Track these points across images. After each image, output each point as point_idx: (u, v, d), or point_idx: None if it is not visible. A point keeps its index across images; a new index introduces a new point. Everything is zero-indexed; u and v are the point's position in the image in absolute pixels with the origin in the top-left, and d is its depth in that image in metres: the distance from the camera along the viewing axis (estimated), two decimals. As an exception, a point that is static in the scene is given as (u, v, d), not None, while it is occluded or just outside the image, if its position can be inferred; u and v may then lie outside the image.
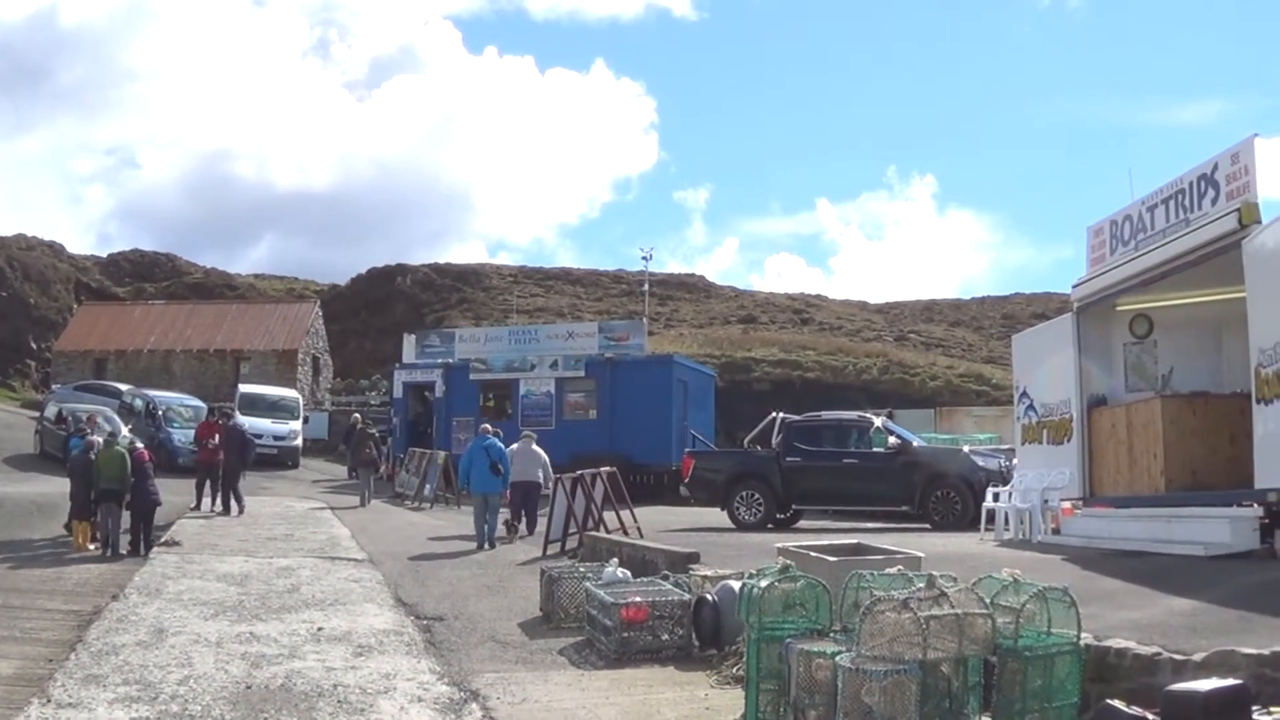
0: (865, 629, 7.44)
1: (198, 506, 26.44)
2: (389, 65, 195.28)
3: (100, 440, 22.25)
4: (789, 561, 9.58)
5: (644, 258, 73.33)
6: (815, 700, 7.91)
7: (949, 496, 23.55)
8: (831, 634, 8.57)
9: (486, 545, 22.71)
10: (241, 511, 26.16)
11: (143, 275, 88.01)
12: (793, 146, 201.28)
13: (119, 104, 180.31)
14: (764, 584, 8.87)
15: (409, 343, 44.90)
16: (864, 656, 7.39)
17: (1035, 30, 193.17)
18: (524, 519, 24.52)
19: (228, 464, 26.67)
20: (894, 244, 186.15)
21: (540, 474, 24.43)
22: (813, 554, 10.81)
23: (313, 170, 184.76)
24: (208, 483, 26.99)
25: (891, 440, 25.09)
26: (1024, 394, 20.67)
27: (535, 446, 24.85)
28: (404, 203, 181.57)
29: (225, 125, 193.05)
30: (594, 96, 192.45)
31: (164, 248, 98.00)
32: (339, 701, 10.17)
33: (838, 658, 7.63)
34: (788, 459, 25.21)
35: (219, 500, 26.78)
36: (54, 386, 51.84)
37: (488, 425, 27.58)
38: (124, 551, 20.21)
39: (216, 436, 27.34)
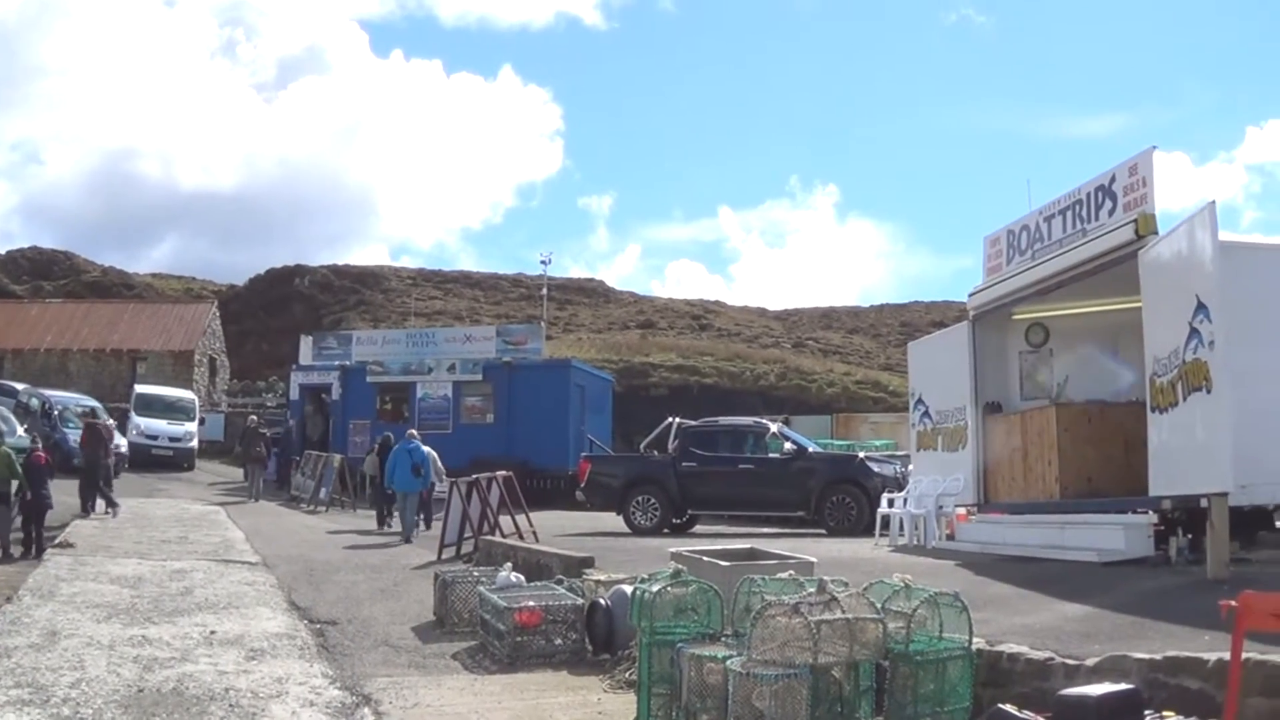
0: (756, 633, 7.37)
1: (92, 508, 25.90)
2: (296, 66, 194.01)
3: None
4: (681, 566, 9.51)
5: (543, 262, 73.22)
6: (707, 704, 7.83)
7: (844, 502, 23.56)
8: (723, 638, 8.49)
9: (410, 539, 24.23)
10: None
11: (40, 273, 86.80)
12: (696, 155, 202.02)
13: (25, 100, 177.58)
14: (655, 589, 8.78)
15: (306, 344, 44.38)
16: (755, 661, 7.31)
17: (941, 43, 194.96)
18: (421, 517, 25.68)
19: (89, 463, 26.04)
20: (795, 252, 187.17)
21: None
22: (705, 559, 10.74)
23: (217, 170, 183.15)
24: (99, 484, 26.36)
25: (787, 446, 25.12)
26: (919, 401, 20.76)
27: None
28: (308, 204, 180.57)
29: (131, 123, 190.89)
30: (501, 102, 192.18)
31: (65, 246, 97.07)
32: (231, 705, 9.95)
33: (729, 662, 7.55)
34: (684, 464, 25.17)
35: (108, 502, 26.23)
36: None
37: (413, 430, 28.41)
38: (15, 554, 19.84)
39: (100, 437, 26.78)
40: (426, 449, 26.15)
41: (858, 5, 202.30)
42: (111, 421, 29.01)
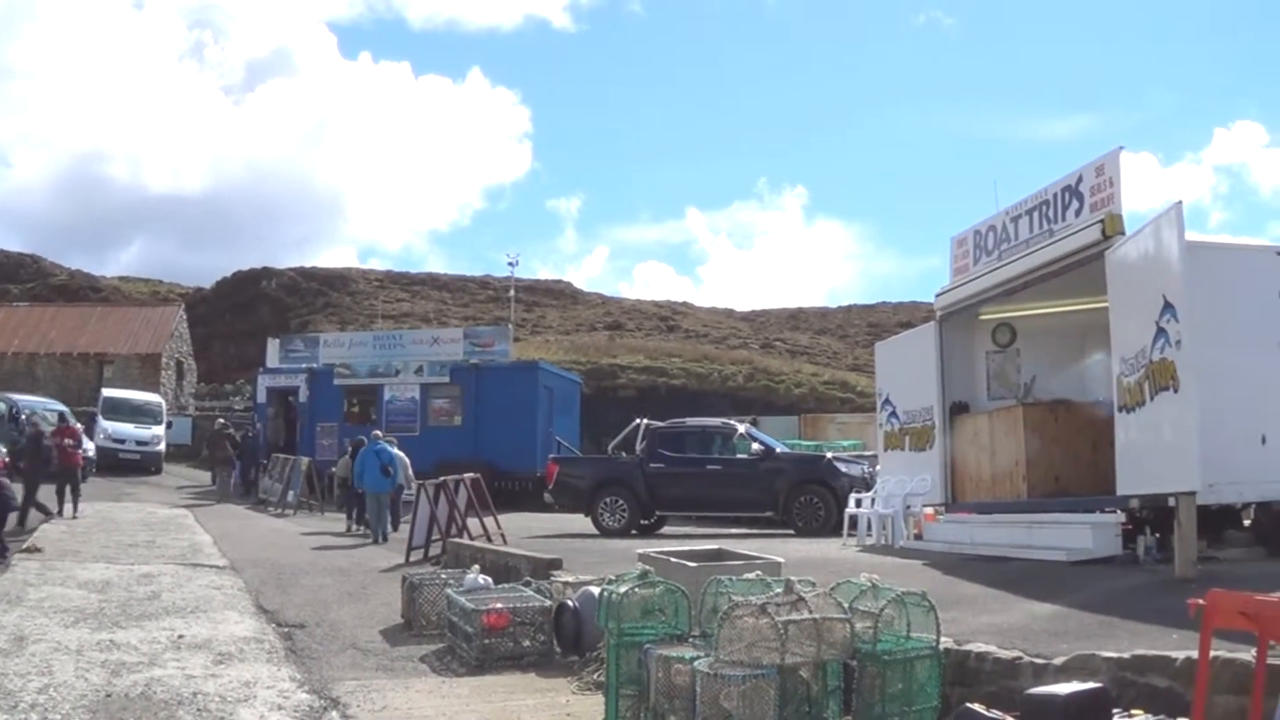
0: (723, 634, 7.34)
1: (60, 512, 25.74)
2: (264, 68, 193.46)
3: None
4: (648, 567, 9.48)
5: (510, 264, 73.17)
6: (675, 705, 7.79)
7: (812, 502, 23.59)
8: (690, 639, 8.46)
9: (380, 539, 24.57)
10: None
11: (7, 276, 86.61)
12: (664, 156, 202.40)
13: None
14: (623, 590, 8.75)
15: (273, 347, 44.23)
16: (722, 661, 7.27)
17: (910, 45, 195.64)
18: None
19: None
20: (762, 253, 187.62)
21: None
22: (673, 560, 10.71)
23: (185, 173, 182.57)
24: (68, 487, 26.24)
25: (755, 446, 25.14)
26: (887, 401, 20.78)
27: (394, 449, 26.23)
28: (275, 206, 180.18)
29: (99, 126, 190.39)
30: (469, 104, 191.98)
31: (32, 249, 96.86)
32: (199, 710, 9.89)
33: (696, 663, 7.51)
34: (652, 465, 25.16)
35: (78, 505, 26.22)
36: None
37: (379, 432, 28.32)
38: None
39: (72, 439, 26.69)
40: (397, 452, 26.28)
41: (826, 7, 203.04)
42: (78, 425, 28.79)
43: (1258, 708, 5.85)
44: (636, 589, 8.79)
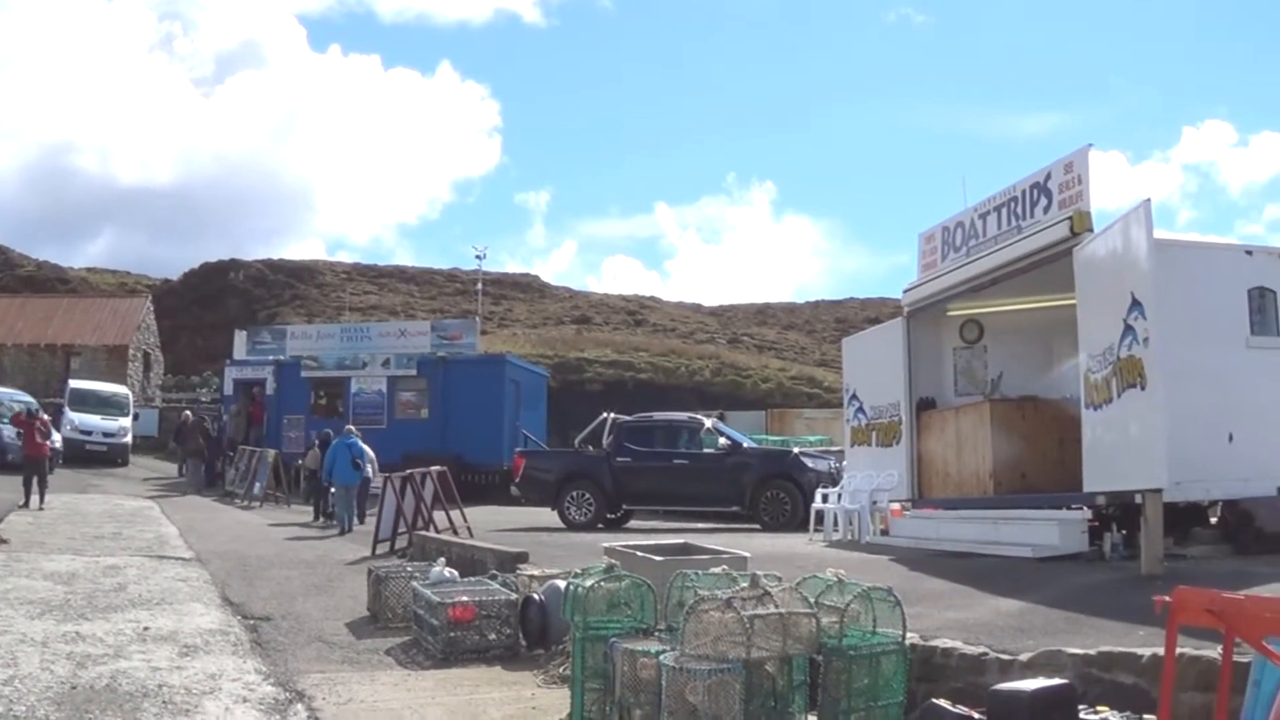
0: (689, 628, 7.33)
1: (26, 504, 25.66)
2: (233, 61, 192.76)
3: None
4: (614, 561, 9.45)
5: (478, 256, 73.11)
6: (640, 699, 7.78)
7: (779, 497, 23.62)
8: (656, 633, 8.46)
9: (347, 530, 24.61)
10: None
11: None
12: (634, 151, 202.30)
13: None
14: (589, 583, 8.74)
15: (240, 339, 43.99)
16: (688, 655, 7.27)
17: (880, 41, 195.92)
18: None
19: None
20: (731, 248, 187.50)
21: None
22: (639, 554, 10.70)
23: (155, 165, 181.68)
24: (35, 479, 26.18)
25: (722, 441, 25.19)
26: (854, 396, 20.79)
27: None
28: (244, 199, 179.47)
29: (69, 118, 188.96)
30: (439, 98, 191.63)
31: (0, 240, 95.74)
32: (164, 702, 9.84)
33: (662, 657, 7.50)
34: (618, 459, 25.16)
35: (45, 497, 26.18)
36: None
37: (351, 426, 28.42)
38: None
39: (41, 429, 26.68)
40: (365, 447, 26.39)
41: (797, 3, 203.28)
42: (45, 417, 28.67)
43: (1223, 705, 5.84)
44: (602, 583, 8.79)
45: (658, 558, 10.50)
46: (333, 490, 26.42)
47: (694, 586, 8.30)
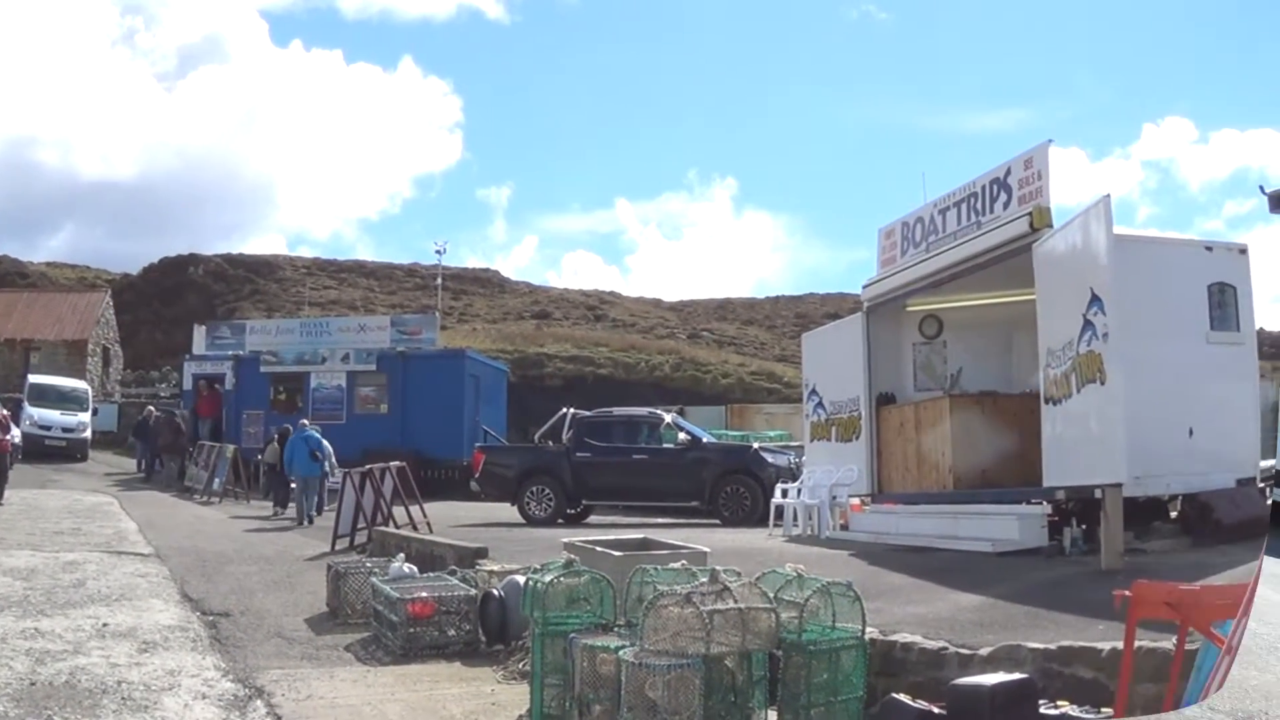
0: (648, 623, 7.32)
1: None
2: (196, 55, 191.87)
3: None
4: (574, 556, 9.45)
5: (438, 251, 72.81)
6: (600, 695, 7.79)
7: (739, 492, 23.65)
8: (615, 629, 8.46)
9: (306, 522, 25.30)
10: None
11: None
12: (595, 147, 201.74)
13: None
14: (548, 579, 8.72)
15: (199, 334, 43.84)
16: (647, 651, 7.27)
17: (842, 38, 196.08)
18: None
19: None
20: (691, 244, 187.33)
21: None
22: (598, 549, 10.68)
23: (116, 159, 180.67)
24: None
25: (682, 436, 25.21)
26: (813, 392, 20.81)
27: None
28: (206, 193, 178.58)
29: (30, 111, 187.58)
30: (400, 93, 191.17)
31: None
32: (123, 699, 9.78)
33: (621, 652, 7.50)
34: (578, 454, 25.14)
35: (3, 492, 26.11)
36: None
37: (305, 421, 28.98)
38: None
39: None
40: (323, 440, 26.69)
41: (760, 0, 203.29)
42: (4, 411, 28.50)
43: (1172, 690, 5.88)
44: (562, 578, 8.78)
45: (617, 553, 10.49)
46: (293, 485, 26.65)
47: (653, 582, 8.30)
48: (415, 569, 14.53)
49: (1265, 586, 10.78)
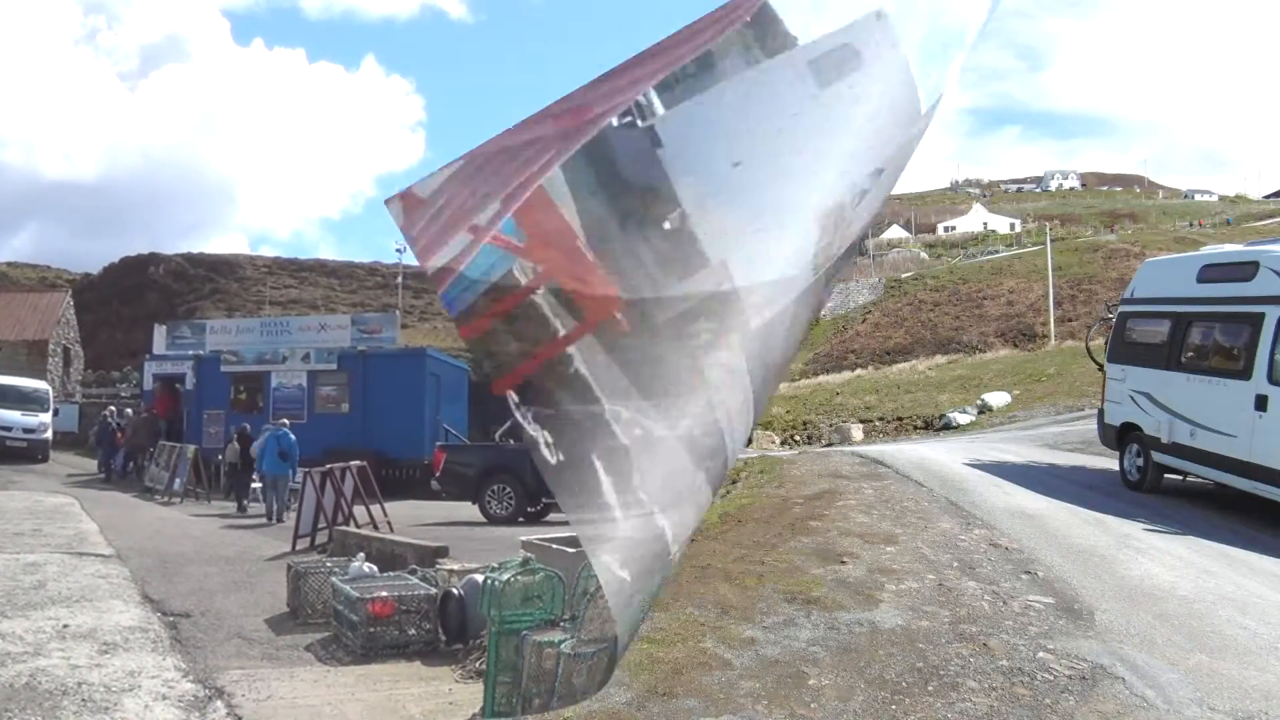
0: (588, 614, 7.56)
1: None
2: (158, 55, 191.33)
3: None
4: (531, 554, 9.69)
5: (398, 250, 72.83)
6: (540, 689, 8.00)
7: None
8: (561, 623, 8.68)
9: (274, 519, 25.48)
10: None
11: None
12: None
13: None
14: (505, 577, 8.92)
15: (160, 333, 43.84)
16: (583, 641, 7.50)
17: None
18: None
19: None
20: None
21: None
22: (554, 546, 10.95)
23: (79, 159, 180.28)
24: None
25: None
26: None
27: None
28: (167, 193, 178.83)
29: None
30: (363, 93, 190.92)
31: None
32: (83, 700, 9.98)
33: (562, 645, 7.74)
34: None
35: None
36: None
37: (285, 420, 29.37)
38: None
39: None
40: (295, 445, 26.88)
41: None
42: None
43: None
44: (518, 576, 8.98)
45: (571, 549, 10.71)
46: (256, 484, 27.23)
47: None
48: (375, 568, 14.73)
49: (1265, 587, 11.19)
